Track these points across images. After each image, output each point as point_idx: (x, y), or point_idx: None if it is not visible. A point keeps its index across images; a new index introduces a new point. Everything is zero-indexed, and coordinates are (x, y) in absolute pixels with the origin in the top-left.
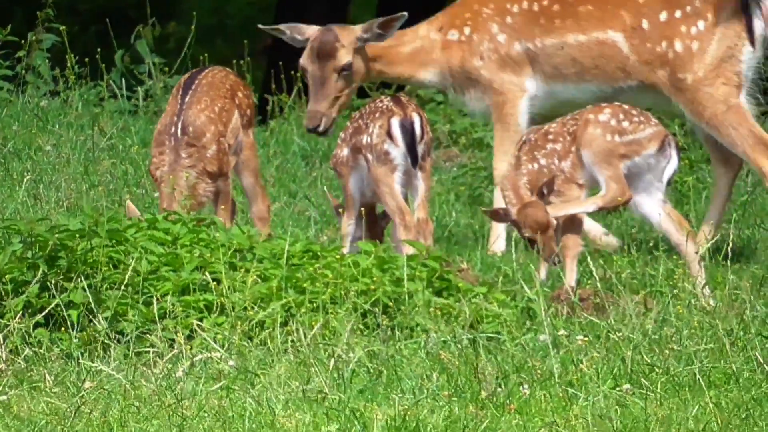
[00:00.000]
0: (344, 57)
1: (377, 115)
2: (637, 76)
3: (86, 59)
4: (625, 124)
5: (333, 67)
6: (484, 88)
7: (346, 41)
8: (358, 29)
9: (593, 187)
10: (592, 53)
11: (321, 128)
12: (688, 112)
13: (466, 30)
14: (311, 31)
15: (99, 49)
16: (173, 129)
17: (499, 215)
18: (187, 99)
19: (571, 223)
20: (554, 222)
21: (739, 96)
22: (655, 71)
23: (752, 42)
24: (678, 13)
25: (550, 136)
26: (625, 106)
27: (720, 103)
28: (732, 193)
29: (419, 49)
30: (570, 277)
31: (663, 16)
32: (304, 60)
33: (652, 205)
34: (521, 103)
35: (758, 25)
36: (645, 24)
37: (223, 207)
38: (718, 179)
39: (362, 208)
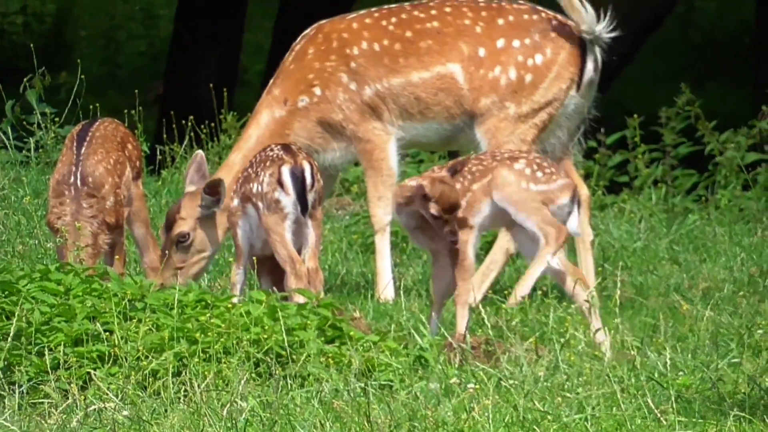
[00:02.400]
0: (180, 227)
1: (267, 163)
2: (467, 107)
3: None
4: (539, 174)
5: (170, 238)
6: (348, 139)
7: (185, 212)
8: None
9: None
10: (434, 89)
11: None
12: (486, 141)
13: (317, 90)
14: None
15: None
16: (72, 179)
17: (413, 188)
18: (83, 150)
19: (462, 269)
20: (461, 203)
21: (537, 140)
22: (481, 99)
23: (579, 86)
24: (516, 43)
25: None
26: (537, 160)
27: (522, 142)
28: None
29: (269, 136)
30: (461, 325)
31: (500, 43)
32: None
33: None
34: (390, 146)
35: (590, 68)
36: (482, 52)
37: (117, 257)
38: None
39: (255, 258)
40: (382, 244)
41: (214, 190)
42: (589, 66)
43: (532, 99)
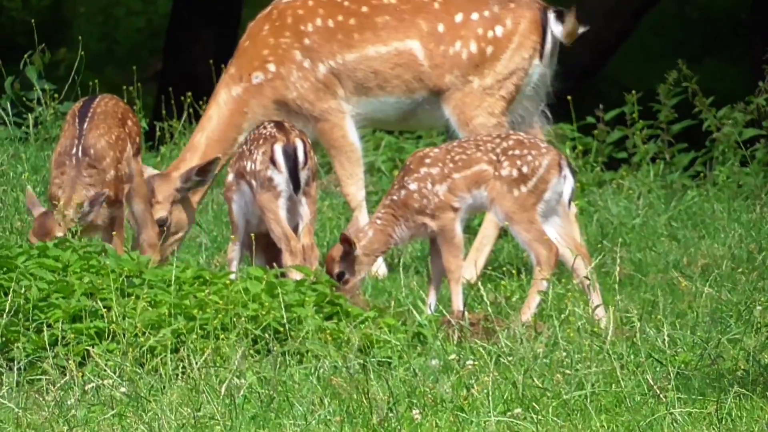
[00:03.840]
0: (158, 212)
1: (260, 141)
2: (428, 84)
3: None
4: (525, 169)
5: None
6: (305, 118)
7: (162, 196)
8: (177, 181)
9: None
10: (391, 63)
11: None
12: (455, 117)
13: (271, 67)
14: None
15: None
16: (74, 150)
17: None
18: (85, 125)
19: (452, 247)
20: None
21: (507, 112)
22: (445, 75)
23: (542, 56)
24: (475, 16)
25: (428, 160)
26: (516, 151)
27: (491, 115)
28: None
29: (229, 115)
30: (456, 301)
31: (459, 17)
32: None
33: (549, 231)
34: (346, 123)
35: (551, 38)
36: (441, 27)
37: (116, 233)
38: None
39: (253, 235)
40: (362, 220)
41: (205, 169)
42: (550, 35)
43: (495, 71)
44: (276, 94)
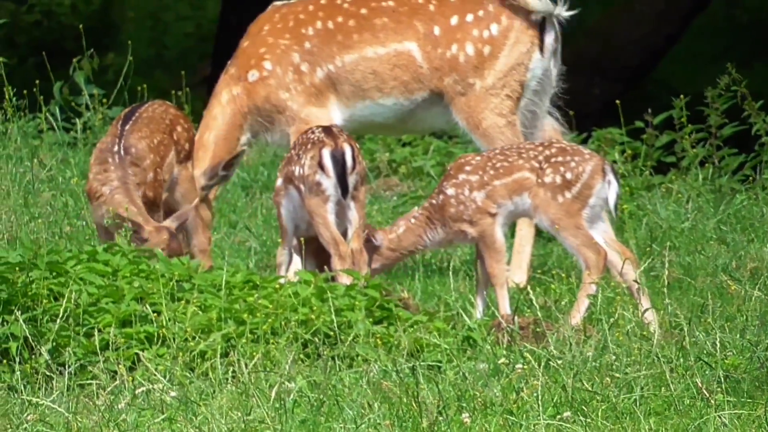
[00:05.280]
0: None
1: (309, 146)
2: (428, 85)
3: (24, 91)
4: (568, 175)
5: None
6: (288, 119)
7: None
8: (201, 179)
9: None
10: (390, 64)
11: None
12: (464, 122)
13: (267, 65)
14: None
15: (37, 81)
16: (116, 148)
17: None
18: (127, 127)
19: (494, 252)
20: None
21: (516, 110)
22: (443, 78)
23: (542, 49)
24: (470, 17)
25: (468, 167)
26: (559, 158)
27: (500, 116)
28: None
29: (231, 115)
30: (503, 305)
31: (454, 20)
32: None
33: (596, 236)
34: None
35: (550, 32)
36: (437, 30)
37: None
38: None
39: (302, 239)
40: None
41: (230, 163)
42: (549, 29)
43: (495, 69)
44: (270, 93)
